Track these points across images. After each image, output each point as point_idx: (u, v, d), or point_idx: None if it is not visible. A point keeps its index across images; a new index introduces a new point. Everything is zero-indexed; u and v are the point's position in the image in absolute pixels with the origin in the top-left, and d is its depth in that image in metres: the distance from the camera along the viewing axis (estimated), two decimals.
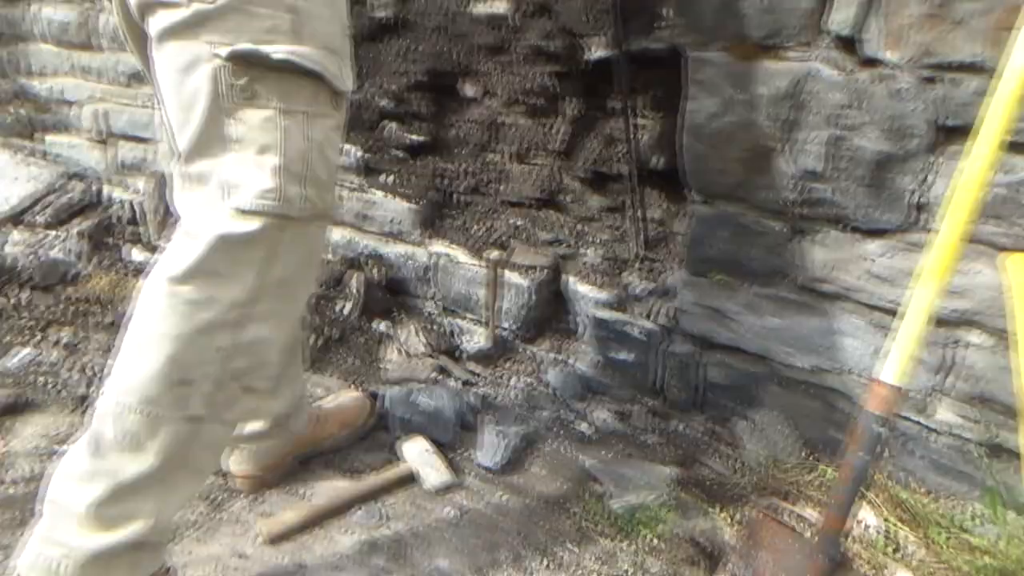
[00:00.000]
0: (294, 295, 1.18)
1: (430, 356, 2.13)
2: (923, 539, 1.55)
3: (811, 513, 1.62)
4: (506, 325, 2.19)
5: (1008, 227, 1.44)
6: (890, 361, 1.16)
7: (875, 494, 1.67)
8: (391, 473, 1.67)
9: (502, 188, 2.38)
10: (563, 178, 2.33)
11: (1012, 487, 1.61)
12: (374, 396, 1.91)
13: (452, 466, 1.74)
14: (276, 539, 1.49)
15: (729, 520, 1.62)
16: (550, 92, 2.22)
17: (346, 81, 1.16)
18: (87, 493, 1.09)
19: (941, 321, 1.58)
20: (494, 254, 1.96)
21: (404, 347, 2.16)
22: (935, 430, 1.65)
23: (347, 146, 2.40)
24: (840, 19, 1.48)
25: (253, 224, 1.07)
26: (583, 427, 1.92)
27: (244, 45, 1.04)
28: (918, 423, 1.67)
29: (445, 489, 1.68)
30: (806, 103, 1.55)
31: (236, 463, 1.62)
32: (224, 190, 1.07)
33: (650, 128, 2.14)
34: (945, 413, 1.63)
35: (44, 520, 1.12)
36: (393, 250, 2.34)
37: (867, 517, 1.63)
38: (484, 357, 2.14)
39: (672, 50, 1.94)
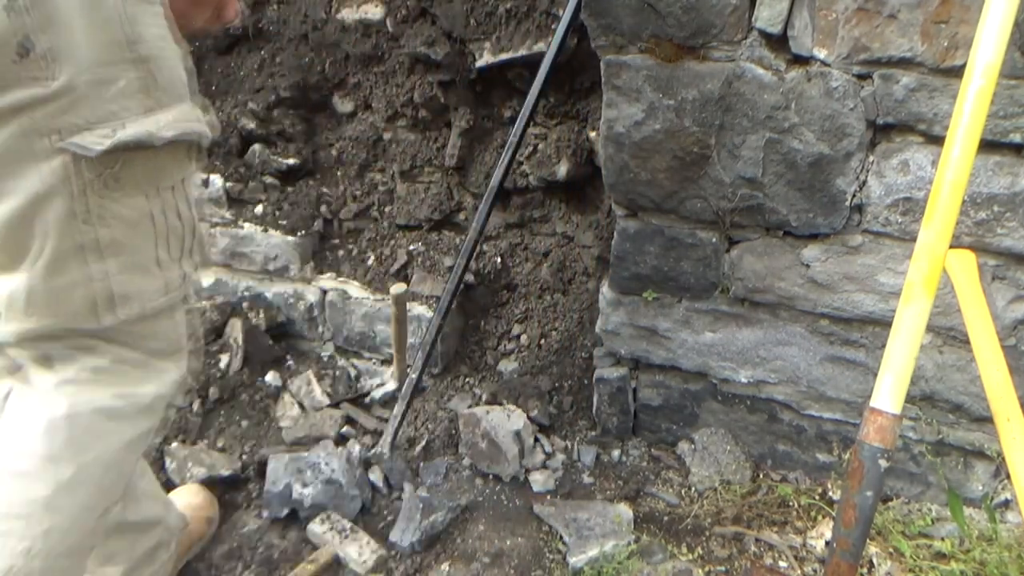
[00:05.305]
0: None
1: (333, 407, 1.88)
2: (887, 550, 1.50)
3: (776, 538, 1.53)
4: (412, 362, 1.97)
5: None
6: (885, 387, 1.06)
7: (829, 507, 1.62)
8: (313, 564, 1.43)
9: (392, 210, 2.16)
10: (458, 195, 2.14)
11: (961, 484, 1.60)
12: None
13: (378, 537, 1.53)
14: None
15: (694, 558, 1.50)
16: (436, 103, 2.02)
17: (210, 127, 0.95)
18: None
19: (880, 322, 1.54)
20: (399, 288, 1.74)
21: (301, 400, 1.90)
22: None
23: (208, 175, 2.10)
24: (767, 16, 1.38)
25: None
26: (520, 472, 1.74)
27: (127, 133, 0.80)
28: (857, 425, 1.63)
29: (379, 567, 1.46)
30: (736, 106, 1.45)
31: None
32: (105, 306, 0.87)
33: (549, 135, 2.01)
34: None
35: None
36: (275, 290, 2.06)
37: (827, 532, 1.57)
38: (394, 400, 1.91)
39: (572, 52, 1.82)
